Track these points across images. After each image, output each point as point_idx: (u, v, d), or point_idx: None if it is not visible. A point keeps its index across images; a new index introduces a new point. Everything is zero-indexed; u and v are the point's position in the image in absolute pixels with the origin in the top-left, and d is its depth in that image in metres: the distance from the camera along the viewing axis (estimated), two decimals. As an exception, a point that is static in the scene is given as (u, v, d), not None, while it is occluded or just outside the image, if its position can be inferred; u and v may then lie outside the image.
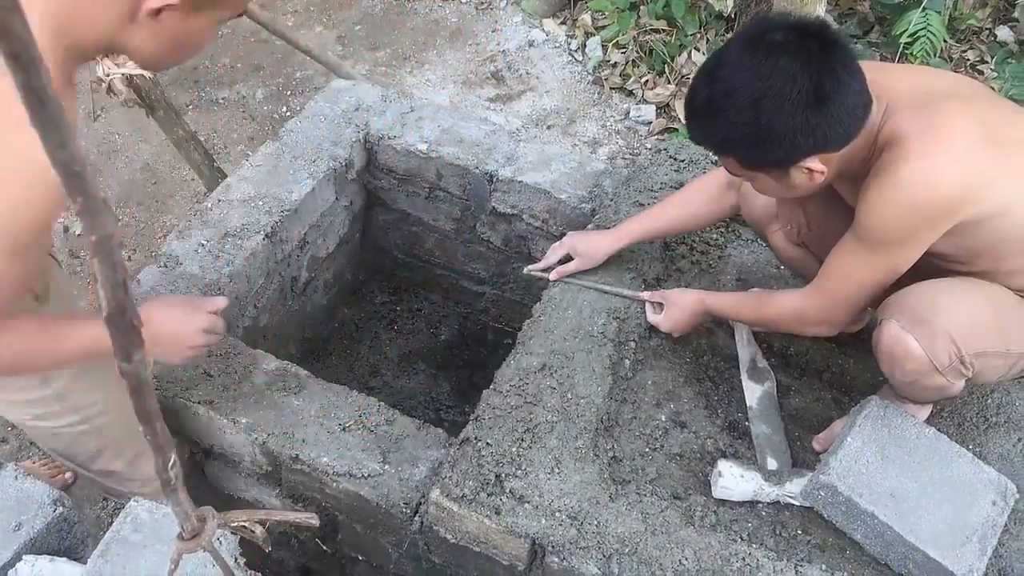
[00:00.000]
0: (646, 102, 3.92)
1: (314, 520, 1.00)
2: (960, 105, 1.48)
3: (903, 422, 1.72)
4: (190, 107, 3.88)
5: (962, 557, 1.58)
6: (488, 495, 1.67)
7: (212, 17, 1.22)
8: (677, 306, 1.93)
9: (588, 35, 4.24)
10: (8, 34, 0.30)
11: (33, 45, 0.31)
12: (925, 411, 1.87)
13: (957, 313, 1.55)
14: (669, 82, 3.93)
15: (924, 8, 3.54)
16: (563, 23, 4.38)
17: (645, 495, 1.71)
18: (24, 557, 1.51)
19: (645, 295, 2.00)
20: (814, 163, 1.47)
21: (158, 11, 1.13)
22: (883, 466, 1.66)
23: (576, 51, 4.23)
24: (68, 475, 2.50)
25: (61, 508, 1.63)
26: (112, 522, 1.49)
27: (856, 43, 3.79)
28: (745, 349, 2.00)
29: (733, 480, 1.72)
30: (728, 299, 1.88)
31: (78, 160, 0.35)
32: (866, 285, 1.59)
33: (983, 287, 1.58)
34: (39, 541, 1.58)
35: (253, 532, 0.95)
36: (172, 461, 0.63)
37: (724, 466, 1.74)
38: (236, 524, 0.91)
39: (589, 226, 2.18)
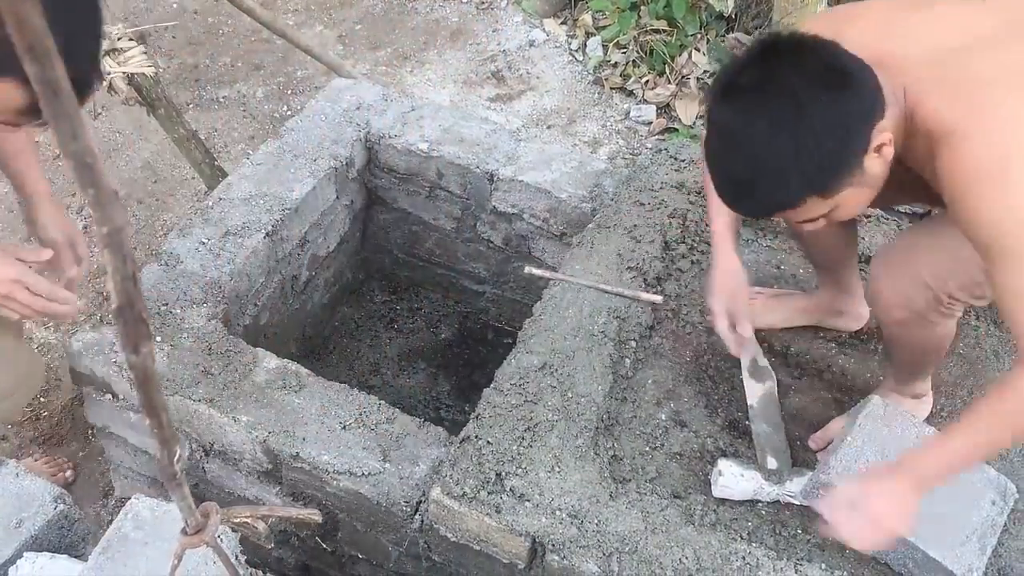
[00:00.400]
0: (646, 102, 3.92)
1: (316, 516, 1.00)
2: (989, 65, 1.32)
3: (903, 422, 1.72)
4: (191, 106, 3.88)
5: (961, 556, 1.58)
6: (488, 493, 1.68)
7: None
8: (884, 496, 1.41)
9: (589, 35, 4.24)
10: (23, 26, 0.30)
11: (47, 37, 0.31)
12: (925, 409, 1.87)
13: (932, 255, 1.53)
14: (669, 82, 3.93)
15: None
16: (564, 23, 4.38)
17: (645, 494, 1.71)
18: (25, 554, 1.51)
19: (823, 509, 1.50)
20: (880, 136, 1.31)
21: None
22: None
23: (577, 51, 4.23)
24: (68, 473, 2.50)
25: (62, 505, 1.63)
26: (113, 519, 1.49)
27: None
28: (746, 348, 2.00)
29: (733, 479, 1.73)
30: (939, 453, 1.41)
31: (90, 152, 0.36)
32: None
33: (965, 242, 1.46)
34: (40, 538, 1.58)
35: (256, 528, 0.95)
36: (177, 455, 0.63)
37: (724, 465, 1.75)
38: (239, 520, 0.91)
39: (590, 226, 2.18)
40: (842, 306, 2.00)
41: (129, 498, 1.49)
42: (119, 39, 2.50)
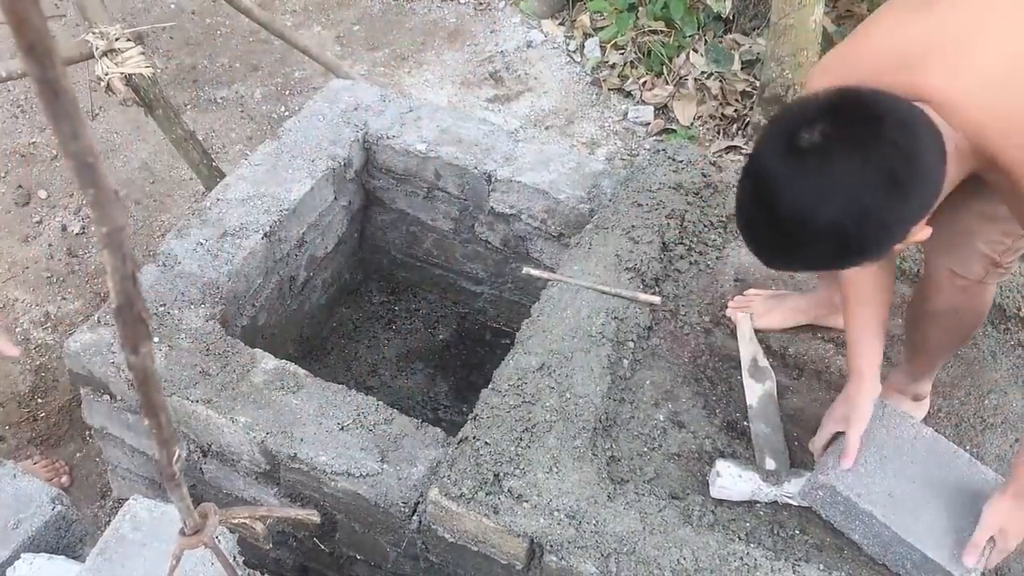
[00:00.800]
0: (644, 103, 3.93)
1: (315, 517, 1.00)
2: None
3: (901, 423, 1.72)
4: (188, 106, 3.87)
5: (959, 557, 1.58)
6: (486, 494, 1.68)
7: None
8: (1016, 526, 1.58)
9: (586, 36, 4.25)
10: (24, 26, 0.30)
11: (48, 36, 0.31)
12: (921, 412, 1.88)
13: (981, 225, 1.57)
14: (667, 83, 3.93)
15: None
16: (561, 24, 4.38)
17: (643, 495, 1.71)
18: (23, 555, 1.51)
19: (970, 560, 1.59)
20: (920, 232, 1.30)
21: None
22: (881, 466, 1.66)
23: (574, 52, 4.23)
24: (64, 479, 2.50)
25: (59, 506, 1.63)
26: (111, 520, 1.49)
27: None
28: (747, 348, 2.01)
29: (731, 480, 1.73)
30: None
31: (90, 152, 0.36)
32: None
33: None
34: (37, 539, 1.58)
35: (254, 529, 0.95)
36: (176, 456, 0.63)
37: (722, 466, 1.75)
38: (237, 520, 0.91)
39: (588, 226, 2.18)
40: (839, 302, 2.00)
41: (127, 499, 1.48)
42: (117, 40, 2.50)
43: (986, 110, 1.27)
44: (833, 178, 1.19)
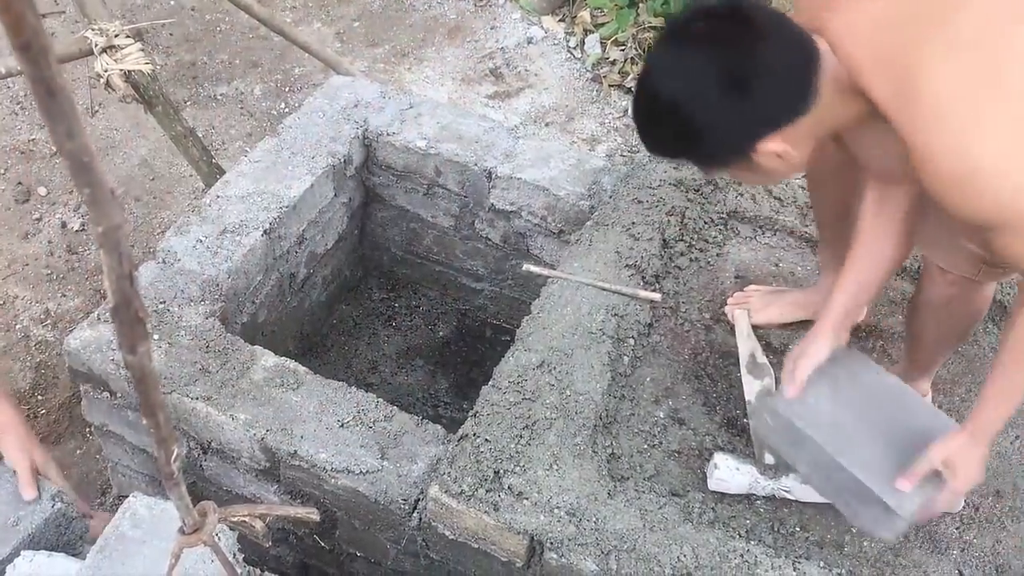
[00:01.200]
0: (644, 100, 3.92)
1: (315, 515, 1.00)
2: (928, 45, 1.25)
3: (864, 367, 1.67)
4: (188, 103, 3.87)
5: (897, 491, 1.49)
6: (487, 491, 1.68)
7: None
8: (965, 463, 1.50)
9: (587, 32, 4.24)
10: (19, 24, 0.30)
11: (43, 35, 0.31)
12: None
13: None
14: (667, 80, 3.92)
15: None
16: (562, 20, 4.37)
17: (643, 492, 1.71)
18: (22, 552, 1.51)
19: (904, 484, 1.53)
20: (776, 145, 1.35)
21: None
22: (832, 399, 1.61)
23: (575, 48, 4.23)
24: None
25: (59, 504, 1.63)
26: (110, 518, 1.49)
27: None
28: (745, 344, 2.00)
29: (728, 472, 1.72)
30: (995, 408, 1.47)
31: (86, 151, 0.35)
32: None
33: None
34: (37, 536, 1.58)
35: (253, 527, 0.95)
36: (175, 454, 0.63)
37: (720, 458, 1.75)
38: (237, 519, 0.91)
39: (588, 223, 2.18)
40: None
41: (127, 496, 1.48)
42: (116, 36, 2.50)
43: (864, 47, 1.31)
44: (681, 61, 1.33)
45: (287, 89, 4.01)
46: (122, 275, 0.42)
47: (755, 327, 2.04)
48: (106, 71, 2.46)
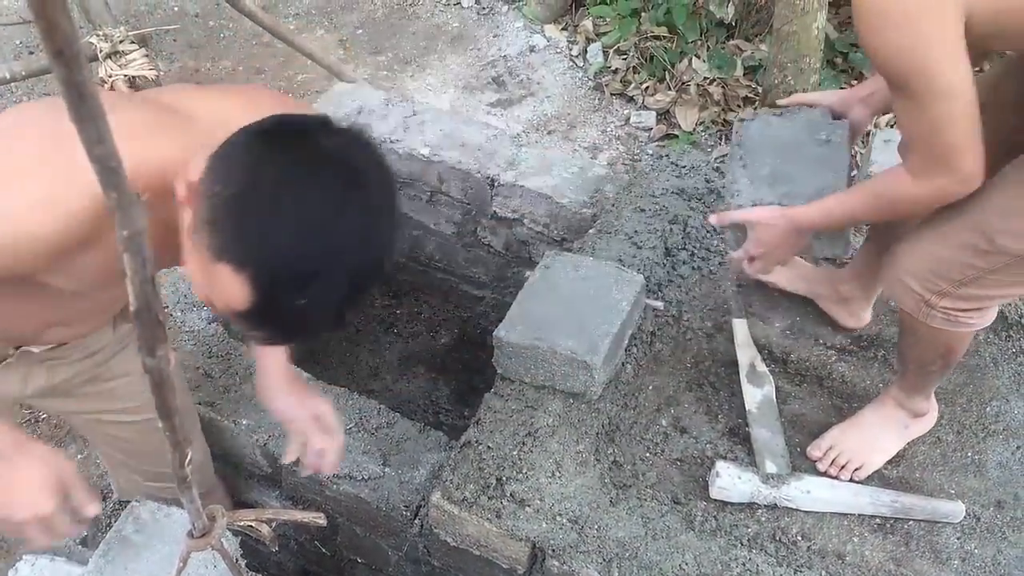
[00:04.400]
0: (646, 108, 3.93)
1: (321, 519, 1.00)
2: None
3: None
4: (191, 109, 3.88)
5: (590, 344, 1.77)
6: (489, 498, 1.68)
7: None
8: (765, 226, 1.67)
9: (589, 41, 4.25)
10: (54, 31, 0.31)
11: (76, 42, 0.32)
12: (923, 426, 1.86)
13: (915, 255, 1.55)
14: (670, 88, 3.94)
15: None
16: (564, 29, 4.39)
17: (646, 500, 1.72)
18: (24, 556, 1.51)
19: (713, 219, 1.77)
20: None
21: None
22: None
23: (577, 57, 4.24)
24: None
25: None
26: (113, 522, 1.49)
27: (856, 51, 3.80)
28: (744, 353, 2.01)
29: (730, 481, 1.73)
30: (822, 208, 1.60)
31: (114, 156, 0.36)
32: (938, 122, 1.33)
33: (966, 210, 1.47)
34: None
35: (260, 531, 0.95)
36: (188, 458, 0.63)
37: (722, 467, 1.75)
38: (244, 523, 0.91)
39: (590, 231, 2.18)
40: (848, 292, 1.99)
41: (128, 501, 1.49)
42: (121, 42, 2.51)
43: None
44: None
45: (290, 96, 4.02)
46: (145, 279, 0.42)
47: (756, 337, 2.04)
48: (110, 76, 2.47)
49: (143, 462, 1.71)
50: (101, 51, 2.50)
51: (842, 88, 1.88)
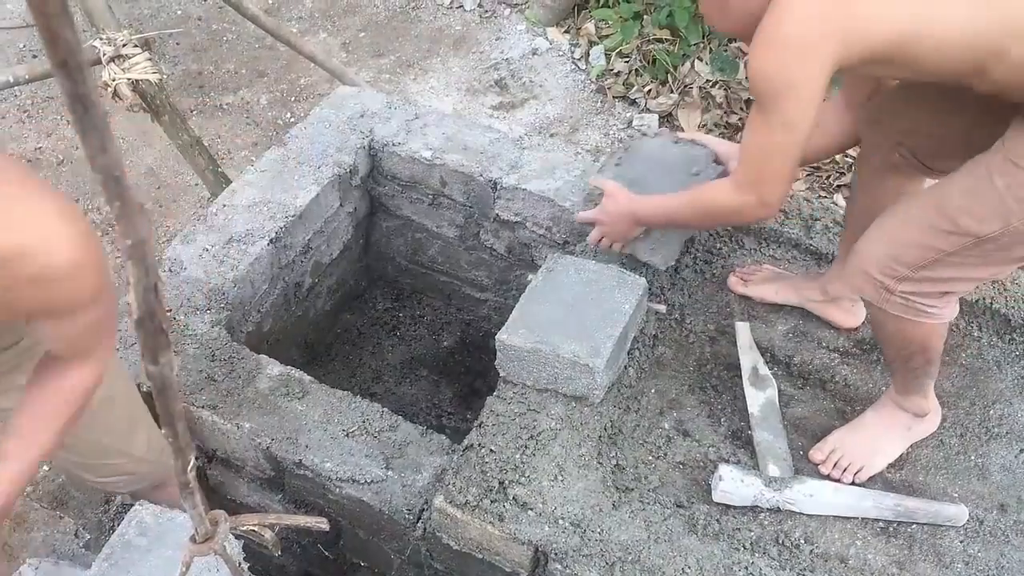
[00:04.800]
0: (649, 111, 3.94)
1: (324, 524, 1.00)
2: None
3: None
4: (194, 112, 3.89)
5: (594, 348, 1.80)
6: (491, 502, 1.68)
7: None
8: (611, 198, 1.93)
9: (591, 44, 4.26)
10: (56, 41, 0.31)
11: (80, 52, 0.32)
12: (929, 427, 1.86)
13: (876, 241, 1.59)
14: (672, 91, 3.94)
15: None
16: (567, 32, 4.39)
17: (648, 503, 1.71)
18: (28, 560, 1.51)
19: (591, 180, 2.10)
20: None
21: None
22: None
23: (579, 60, 4.24)
24: None
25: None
26: (115, 526, 1.49)
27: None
28: (746, 356, 2.01)
29: (733, 484, 1.73)
30: (657, 200, 1.84)
31: (117, 165, 0.36)
32: (772, 148, 1.53)
33: (930, 194, 1.55)
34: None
35: (263, 536, 0.95)
36: (191, 464, 0.63)
37: (725, 470, 1.75)
38: (247, 528, 0.91)
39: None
40: (836, 290, 2.01)
41: (131, 504, 1.49)
42: (124, 46, 2.51)
43: None
44: None
45: (293, 99, 4.03)
46: (148, 287, 0.43)
47: (759, 340, 2.05)
48: (114, 80, 2.47)
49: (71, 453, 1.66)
50: (104, 55, 2.50)
51: (839, 90, 1.92)
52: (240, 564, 1.41)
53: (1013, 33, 1.34)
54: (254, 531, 0.95)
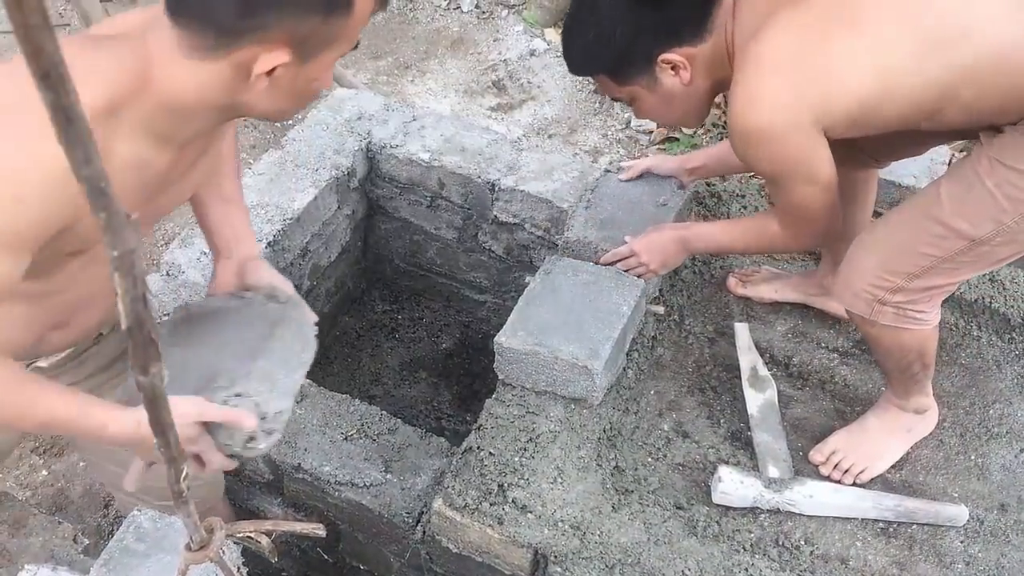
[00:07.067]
0: (647, 111, 3.93)
1: (321, 531, 1.00)
2: (787, 18, 1.44)
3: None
4: (192, 115, 3.88)
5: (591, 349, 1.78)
6: (491, 505, 1.67)
7: (327, 59, 1.13)
8: (657, 230, 1.92)
9: (589, 45, 4.25)
10: (39, 54, 0.30)
11: (62, 64, 0.31)
12: (927, 425, 1.86)
13: (868, 252, 1.60)
14: (670, 92, 3.94)
15: None
16: (564, 32, 4.39)
17: (648, 505, 1.71)
18: (26, 567, 1.51)
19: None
20: (673, 55, 1.54)
21: (271, 71, 1.07)
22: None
23: (577, 60, 4.24)
24: None
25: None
26: (114, 531, 1.49)
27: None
28: (745, 357, 2.01)
29: (733, 485, 1.72)
30: (708, 231, 1.87)
31: (103, 176, 0.36)
32: (801, 201, 1.57)
33: (918, 203, 1.56)
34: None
35: (259, 543, 0.95)
36: (184, 473, 0.63)
37: (724, 471, 1.74)
38: (243, 535, 0.91)
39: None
40: (833, 283, 2.01)
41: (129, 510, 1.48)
42: (121, 49, 2.50)
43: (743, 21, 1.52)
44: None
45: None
46: (136, 297, 0.42)
47: (758, 340, 2.04)
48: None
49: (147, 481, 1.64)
50: (101, 58, 2.50)
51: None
52: (239, 568, 1.41)
53: (963, 78, 1.36)
54: (250, 538, 0.94)
